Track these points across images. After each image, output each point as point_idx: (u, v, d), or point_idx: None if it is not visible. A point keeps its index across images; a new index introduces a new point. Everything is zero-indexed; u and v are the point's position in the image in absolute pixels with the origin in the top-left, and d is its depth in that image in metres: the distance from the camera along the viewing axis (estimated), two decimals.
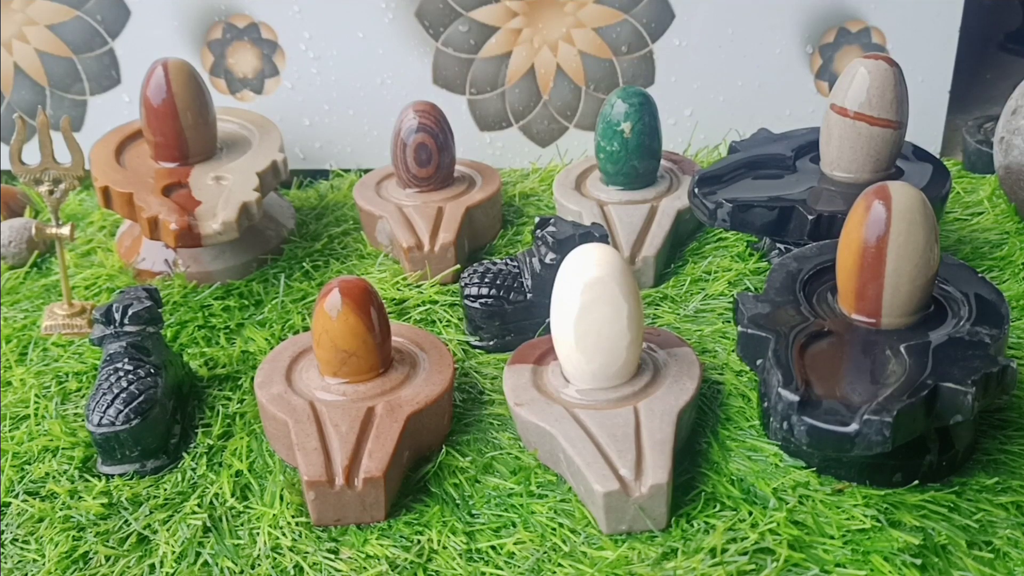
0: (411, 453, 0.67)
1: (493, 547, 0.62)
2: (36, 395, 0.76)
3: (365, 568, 0.61)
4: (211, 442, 0.71)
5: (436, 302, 0.85)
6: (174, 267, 0.88)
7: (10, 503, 0.67)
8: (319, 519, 0.64)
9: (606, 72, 1.06)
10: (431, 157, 0.91)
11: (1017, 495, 0.63)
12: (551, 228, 0.79)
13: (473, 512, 0.64)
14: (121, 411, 0.68)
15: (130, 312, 0.71)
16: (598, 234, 0.79)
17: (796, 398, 0.59)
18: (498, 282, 0.79)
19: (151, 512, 0.66)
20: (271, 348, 0.78)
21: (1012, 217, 0.94)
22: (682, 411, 0.65)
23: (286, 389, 0.69)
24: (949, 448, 0.64)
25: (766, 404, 0.64)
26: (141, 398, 0.69)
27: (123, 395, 0.68)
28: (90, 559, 0.63)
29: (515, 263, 0.81)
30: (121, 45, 1.04)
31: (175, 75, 0.86)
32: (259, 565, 0.61)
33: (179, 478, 0.69)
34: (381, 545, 0.62)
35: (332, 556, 0.62)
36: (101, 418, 0.68)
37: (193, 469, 0.69)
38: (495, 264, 0.81)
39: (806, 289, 0.70)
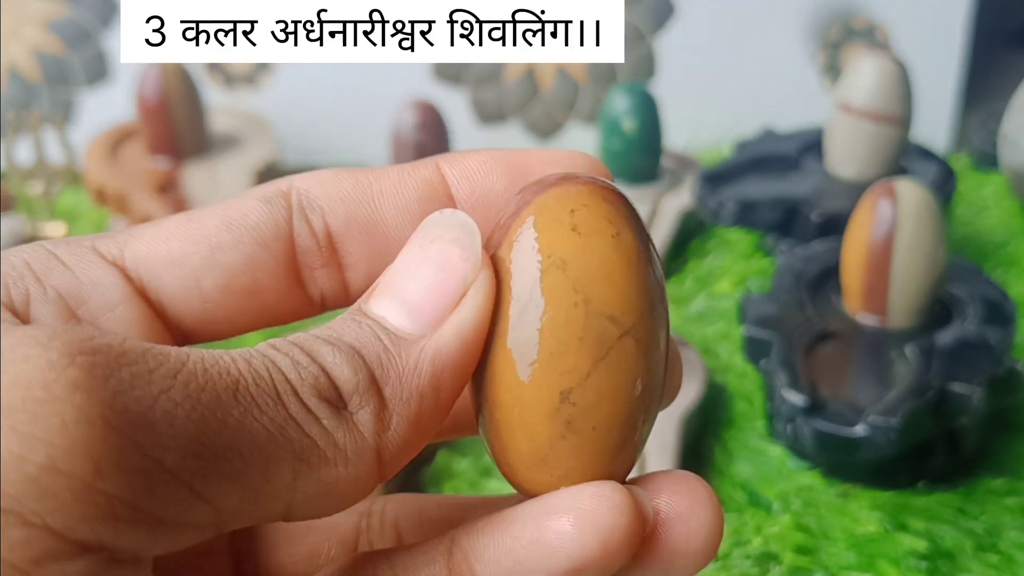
0: None
1: None
2: None
3: None
4: None
5: None
6: None
7: None
8: None
9: (607, 68, 1.05)
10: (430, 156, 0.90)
11: None
12: None
13: None
14: None
15: None
16: None
17: (802, 400, 0.58)
18: None
19: None
20: None
21: (1019, 216, 0.93)
22: (685, 414, 0.64)
23: None
24: (956, 450, 0.63)
25: (771, 406, 0.63)
26: None
27: None
28: None
29: None
30: (115, 43, 1.04)
31: (169, 73, 0.85)
32: None
33: None
34: None
35: None
36: None
37: None
38: None
39: (811, 289, 0.69)
